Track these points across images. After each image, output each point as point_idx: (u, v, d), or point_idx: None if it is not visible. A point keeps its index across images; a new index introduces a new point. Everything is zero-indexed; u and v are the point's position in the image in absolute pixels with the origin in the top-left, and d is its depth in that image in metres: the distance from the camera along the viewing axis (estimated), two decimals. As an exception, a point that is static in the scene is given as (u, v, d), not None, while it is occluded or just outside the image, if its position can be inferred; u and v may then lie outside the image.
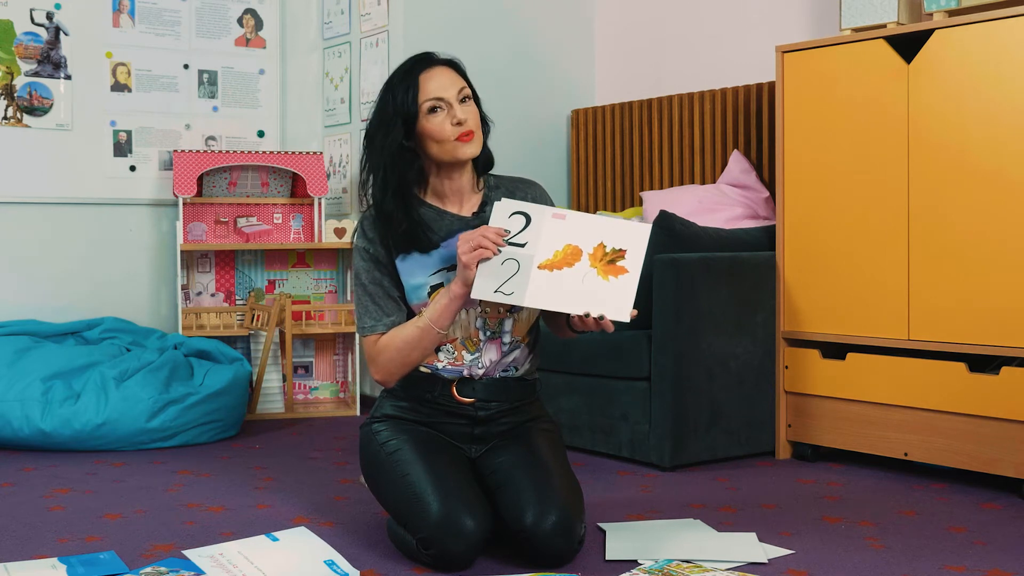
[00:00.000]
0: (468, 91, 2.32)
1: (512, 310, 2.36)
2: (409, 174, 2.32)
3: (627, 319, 2.18)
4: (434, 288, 2.34)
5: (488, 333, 2.36)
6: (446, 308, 2.26)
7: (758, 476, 3.15)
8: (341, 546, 2.36)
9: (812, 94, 3.30)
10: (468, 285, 2.20)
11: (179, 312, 4.28)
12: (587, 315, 2.17)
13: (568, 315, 2.28)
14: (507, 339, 2.38)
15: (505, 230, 2.21)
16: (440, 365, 2.37)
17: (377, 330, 2.34)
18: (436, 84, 2.29)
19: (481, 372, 2.37)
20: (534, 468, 2.28)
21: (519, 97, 4.48)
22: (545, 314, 2.42)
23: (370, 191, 2.35)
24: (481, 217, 2.37)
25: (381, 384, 2.41)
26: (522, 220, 2.22)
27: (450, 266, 2.33)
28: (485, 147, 2.39)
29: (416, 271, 2.35)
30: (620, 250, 2.20)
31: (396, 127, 2.29)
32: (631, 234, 2.21)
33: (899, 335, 3.09)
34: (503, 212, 2.23)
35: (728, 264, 3.31)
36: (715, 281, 3.26)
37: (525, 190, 2.45)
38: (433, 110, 2.28)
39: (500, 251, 2.19)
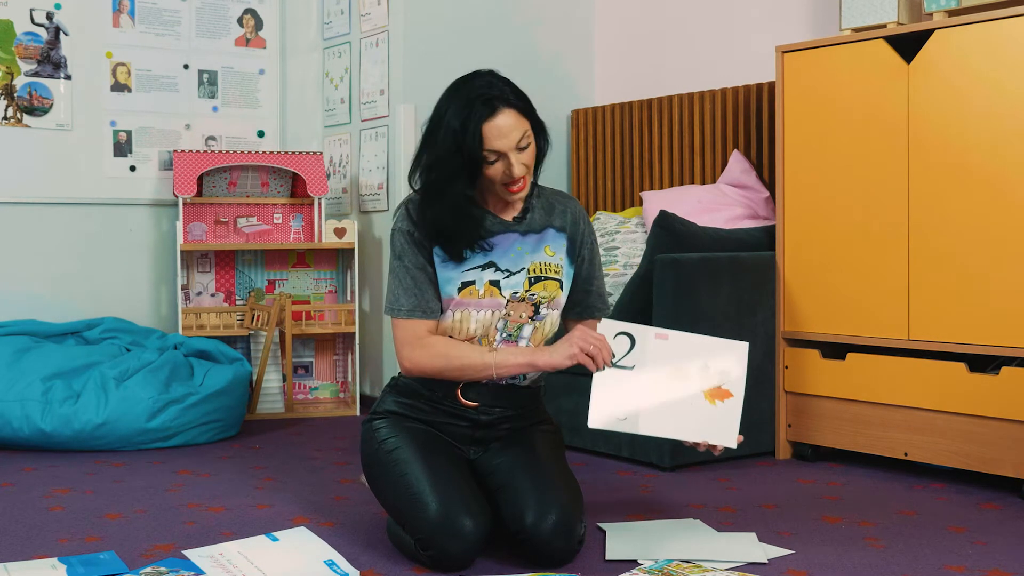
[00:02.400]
0: (528, 135, 2.29)
1: (534, 317, 2.36)
2: (458, 191, 2.30)
3: (734, 445, 2.28)
4: (464, 285, 2.34)
5: (505, 335, 2.36)
6: (517, 366, 2.30)
7: (758, 476, 3.15)
8: (341, 546, 2.36)
9: (812, 94, 3.30)
10: (553, 368, 2.27)
11: (179, 312, 4.28)
12: (697, 444, 2.26)
13: None
14: (522, 344, 2.38)
15: (612, 352, 2.26)
16: None
17: (416, 314, 2.32)
18: (498, 136, 2.25)
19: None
20: (534, 469, 2.29)
21: (519, 97, 4.47)
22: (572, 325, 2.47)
23: (418, 179, 2.34)
24: (522, 223, 2.40)
25: (404, 371, 2.39)
26: (627, 341, 2.28)
27: (483, 265, 2.35)
28: (543, 157, 2.39)
29: (451, 265, 2.35)
30: (723, 371, 2.29)
31: (457, 165, 2.26)
32: (731, 353, 2.33)
33: (899, 335, 3.09)
34: (608, 331, 2.28)
35: (728, 264, 3.31)
36: (715, 281, 3.26)
37: (564, 204, 2.47)
38: (494, 160, 2.27)
39: (604, 369, 2.25)
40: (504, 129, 2.26)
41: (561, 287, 2.41)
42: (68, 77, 4.34)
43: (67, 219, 4.36)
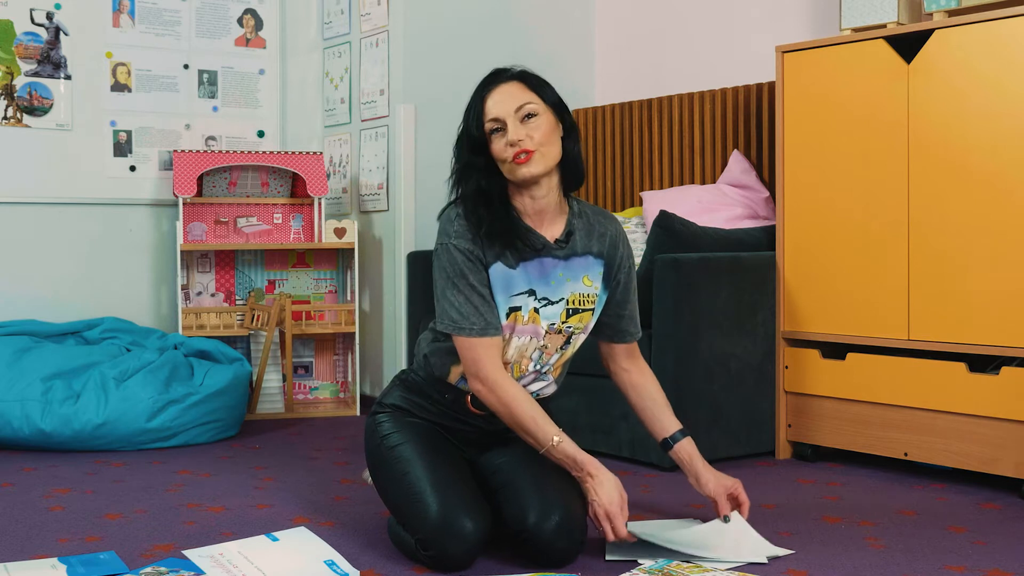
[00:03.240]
0: (535, 106, 2.23)
1: (563, 347, 2.36)
2: (492, 186, 2.26)
3: (766, 555, 2.29)
4: (512, 310, 2.28)
5: (538, 366, 2.35)
6: (564, 461, 2.24)
7: (758, 476, 3.15)
8: (341, 546, 2.36)
9: (812, 94, 3.30)
10: (582, 481, 2.23)
11: (179, 312, 4.28)
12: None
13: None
14: (545, 369, 2.37)
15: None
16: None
17: (488, 333, 2.24)
18: (495, 103, 2.23)
19: None
20: (536, 468, 2.28)
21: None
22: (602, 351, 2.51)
23: (454, 191, 2.31)
24: (564, 248, 2.32)
25: (474, 391, 2.29)
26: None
27: (528, 291, 2.28)
28: (575, 162, 2.31)
29: (500, 287, 2.28)
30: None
31: (468, 151, 2.26)
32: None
33: (899, 335, 3.09)
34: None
35: (728, 264, 3.31)
36: (715, 281, 3.26)
37: (605, 226, 2.39)
38: (494, 131, 2.24)
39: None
40: (500, 97, 2.23)
41: (593, 315, 2.39)
42: (68, 77, 4.34)
43: (67, 219, 4.36)
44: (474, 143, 2.25)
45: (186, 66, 4.58)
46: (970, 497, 2.86)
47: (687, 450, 2.43)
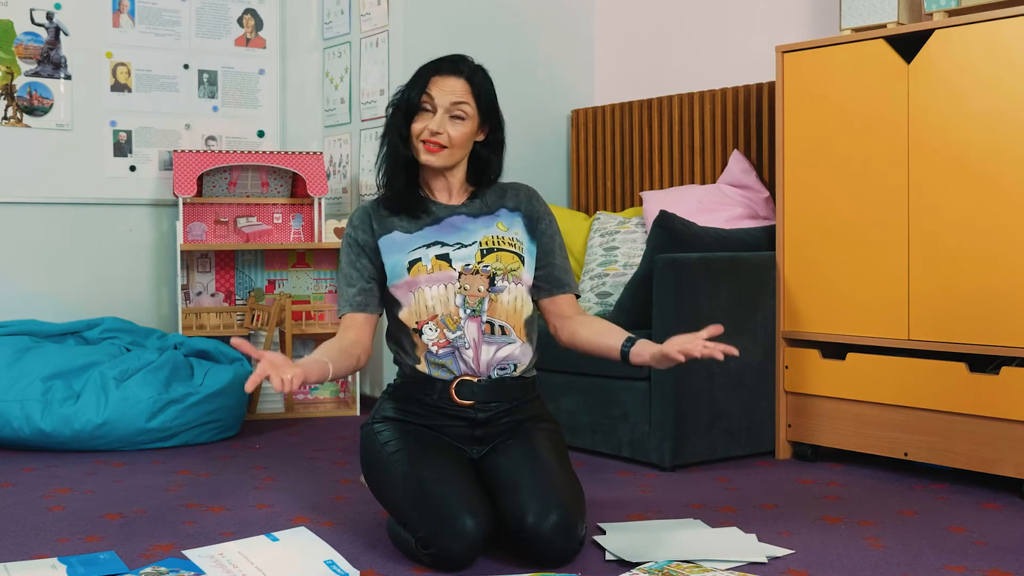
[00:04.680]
0: (467, 109, 2.39)
1: (491, 289, 2.38)
2: (406, 155, 2.44)
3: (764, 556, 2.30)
4: (412, 264, 2.39)
5: (469, 311, 2.37)
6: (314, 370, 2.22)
7: (758, 476, 3.15)
8: (341, 546, 2.36)
9: (812, 94, 3.30)
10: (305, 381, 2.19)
11: (179, 312, 4.28)
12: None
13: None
14: (483, 318, 2.38)
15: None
16: (433, 348, 2.36)
17: (344, 311, 2.43)
18: (438, 89, 2.39)
19: (471, 352, 2.36)
20: (535, 468, 2.28)
21: (519, 97, 4.48)
22: (576, 335, 2.47)
23: (382, 169, 2.48)
24: (470, 205, 2.48)
25: None
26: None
27: (428, 243, 2.41)
28: (484, 164, 2.49)
29: (397, 249, 2.41)
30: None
31: (399, 112, 2.43)
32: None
33: (899, 335, 3.09)
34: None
35: (728, 264, 3.31)
36: (715, 281, 3.26)
37: (516, 188, 2.54)
38: (425, 109, 2.40)
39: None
40: (447, 85, 2.38)
41: (522, 262, 2.43)
42: (68, 77, 4.34)
43: (67, 219, 4.36)
44: (409, 107, 2.40)
45: (186, 66, 4.58)
46: (970, 497, 2.86)
47: (643, 347, 2.32)
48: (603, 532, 2.48)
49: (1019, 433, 2.84)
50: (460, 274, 2.38)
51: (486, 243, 2.42)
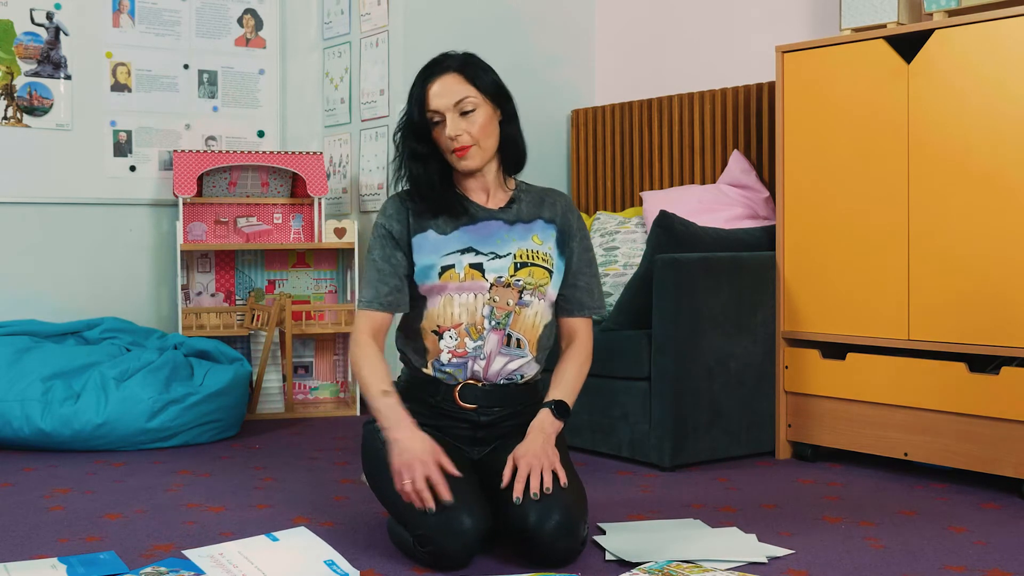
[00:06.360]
0: (472, 100, 2.33)
1: (520, 302, 2.37)
2: (433, 171, 2.38)
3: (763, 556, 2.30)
4: (444, 269, 2.34)
5: (494, 323, 2.36)
6: (378, 412, 2.26)
7: (758, 476, 3.15)
8: (341, 546, 2.36)
9: (812, 94, 3.30)
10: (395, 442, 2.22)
11: (179, 312, 4.28)
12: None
13: None
14: (508, 331, 2.37)
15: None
16: (445, 357, 2.36)
17: (372, 307, 2.37)
18: (435, 96, 2.34)
19: (483, 363, 2.36)
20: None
21: (519, 97, 4.39)
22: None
23: (403, 173, 2.41)
24: (508, 212, 2.41)
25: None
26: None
27: (463, 249, 2.36)
28: (514, 145, 2.42)
29: (430, 251, 2.36)
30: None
31: (412, 137, 2.37)
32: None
33: (899, 335, 3.09)
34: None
35: (728, 264, 3.31)
36: (715, 281, 3.26)
37: (554, 198, 2.49)
38: (435, 123, 2.35)
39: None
40: (440, 90, 2.33)
41: (550, 277, 2.41)
42: (68, 77, 4.34)
43: (67, 219, 4.36)
44: (417, 129, 2.35)
45: (186, 66, 4.58)
46: (970, 497, 2.86)
47: (539, 418, 2.36)
48: (603, 532, 2.48)
49: (1019, 433, 2.84)
50: (492, 285, 2.35)
51: (520, 256, 2.38)
